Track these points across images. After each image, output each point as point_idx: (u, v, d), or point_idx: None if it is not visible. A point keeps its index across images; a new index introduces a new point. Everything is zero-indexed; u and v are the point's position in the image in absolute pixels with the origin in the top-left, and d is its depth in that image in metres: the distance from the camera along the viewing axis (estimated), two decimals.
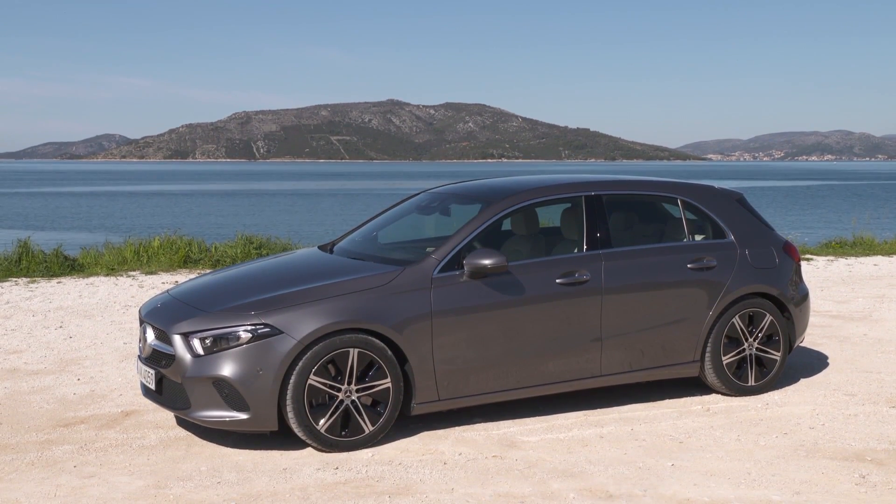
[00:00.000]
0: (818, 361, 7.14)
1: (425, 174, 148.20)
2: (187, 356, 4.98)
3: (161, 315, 5.34)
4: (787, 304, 6.22)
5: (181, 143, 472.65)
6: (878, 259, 14.18)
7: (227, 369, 4.88)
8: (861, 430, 5.38)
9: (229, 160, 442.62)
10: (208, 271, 9.48)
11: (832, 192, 72.56)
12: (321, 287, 5.15)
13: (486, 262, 5.25)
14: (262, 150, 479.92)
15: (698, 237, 6.20)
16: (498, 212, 5.67)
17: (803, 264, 13.00)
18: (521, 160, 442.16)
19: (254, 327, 4.93)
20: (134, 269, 12.59)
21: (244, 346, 4.90)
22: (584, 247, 5.73)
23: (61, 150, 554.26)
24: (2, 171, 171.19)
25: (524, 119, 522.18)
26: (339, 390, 4.99)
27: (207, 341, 4.96)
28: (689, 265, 5.94)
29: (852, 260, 14.01)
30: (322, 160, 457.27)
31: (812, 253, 14.73)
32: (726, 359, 6.02)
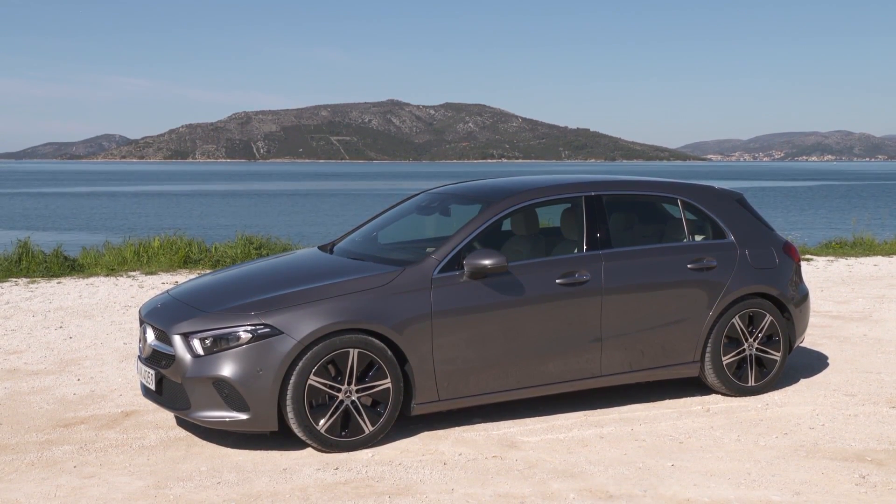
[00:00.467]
0: (818, 362, 7.14)
1: (425, 174, 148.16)
2: (187, 356, 4.98)
3: (161, 315, 5.34)
4: (787, 304, 6.22)
5: (181, 143, 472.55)
6: (878, 259, 14.18)
7: (228, 369, 4.88)
8: (861, 430, 5.38)
9: (229, 160, 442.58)
10: (208, 272, 9.47)
11: (832, 192, 72.55)
12: (321, 287, 5.15)
13: (486, 262, 5.25)
14: (262, 151, 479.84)
15: (698, 237, 6.20)
16: (498, 212, 5.67)
17: (803, 265, 13.00)
18: (521, 160, 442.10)
19: (254, 327, 4.93)
20: (134, 270, 12.59)
21: (244, 346, 4.90)
22: (584, 247, 5.73)
23: (61, 150, 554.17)
24: (2, 172, 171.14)
25: (524, 119, 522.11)
26: (339, 390, 4.99)
27: (207, 341, 4.96)
28: (689, 265, 5.94)
29: (852, 260, 14.01)
30: (322, 160, 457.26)
31: (812, 253, 14.73)
32: (726, 359, 6.02)
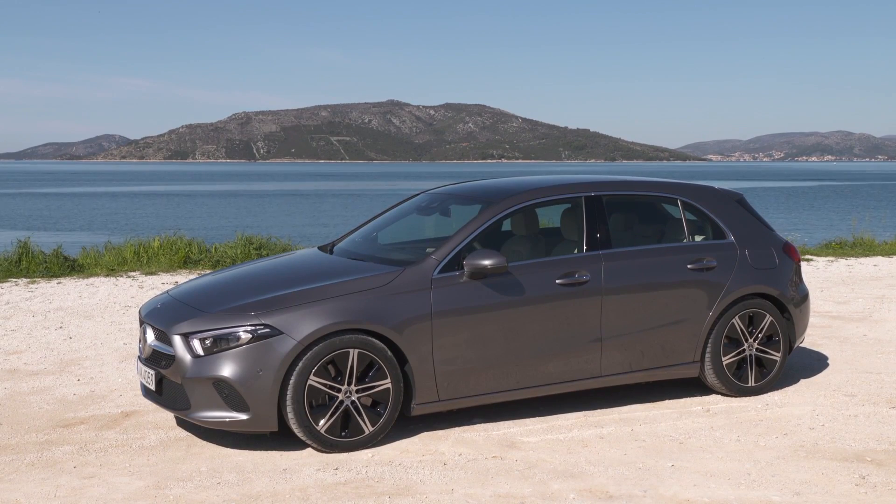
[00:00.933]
0: (818, 362, 7.14)
1: (425, 175, 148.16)
2: (187, 357, 4.98)
3: (161, 316, 5.34)
4: (787, 304, 6.22)
5: (181, 143, 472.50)
6: (878, 259, 14.18)
7: (227, 370, 4.88)
8: (861, 430, 5.38)
9: (229, 161, 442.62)
10: (208, 272, 9.47)
11: (832, 192, 72.55)
12: (321, 288, 5.15)
13: (486, 262, 5.25)
14: (262, 151, 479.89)
15: (698, 238, 6.20)
16: (498, 212, 5.67)
17: (803, 265, 13.00)
18: (521, 161, 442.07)
19: (254, 328, 4.93)
20: (134, 270, 12.59)
21: (244, 346, 4.90)
22: (584, 247, 5.73)
23: (61, 150, 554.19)
24: (2, 172, 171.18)
25: (524, 119, 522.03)
26: (339, 391, 4.99)
27: (207, 342, 4.96)
28: (689, 266, 5.94)
29: (852, 260, 14.01)
30: (322, 161, 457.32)
31: (812, 253, 14.73)
32: (726, 359, 6.02)
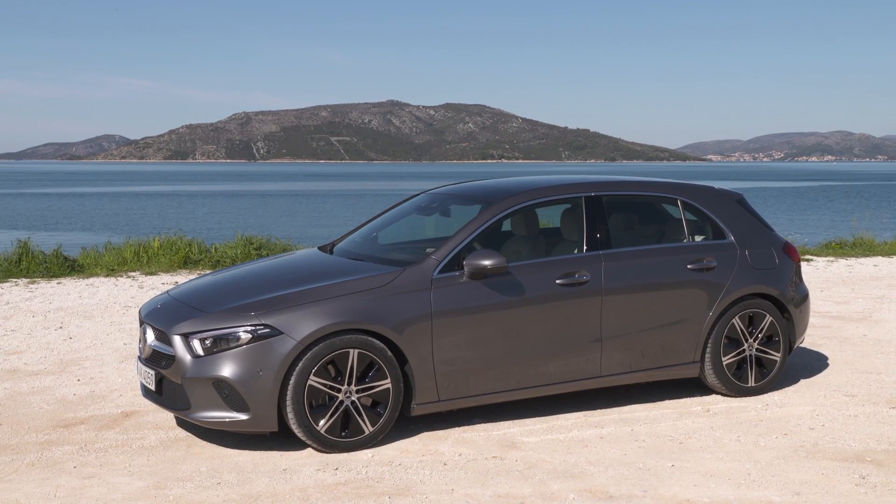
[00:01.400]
0: (818, 362, 7.14)
1: (425, 175, 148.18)
2: (187, 357, 4.98)
3: (161, 316, 5.34)
4: (787, 304, 6.22)
5: (181, 143, 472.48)
6: (878, 260, 14.18)
7: (227, 370, 4.88)
8: (861, 430, 5.38)
9: (229, 161, 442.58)
10: (208, 272, 9.47)
11: (832, 192, 72.55)
12: (321, 288, 5.15)
13: (486, 262, 5.25)
14: (262, 151, 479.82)
15: (698, 238, 6.20)
16: (498, 212, 5.67)
17: (803, 265, 13.00)
18: (521, 161, 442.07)
19: (254, 328, 4.93)
20: (134, 270, 12.59)
21: (244, 346, 4.90)
22: (584, 247, 5.73)
23: (61, 150, 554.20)
24: (2, 172, 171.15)
25: (524, 120, 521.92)
26: (339, 391, 4.99)
27: (207, 342, 4.96)
28: (689, 266, 5.94)
29: (852, 261, 14.01)
30: (322, 161, 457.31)
31: (812, 253, 14.73)
32: (726, 359, 6.02)
